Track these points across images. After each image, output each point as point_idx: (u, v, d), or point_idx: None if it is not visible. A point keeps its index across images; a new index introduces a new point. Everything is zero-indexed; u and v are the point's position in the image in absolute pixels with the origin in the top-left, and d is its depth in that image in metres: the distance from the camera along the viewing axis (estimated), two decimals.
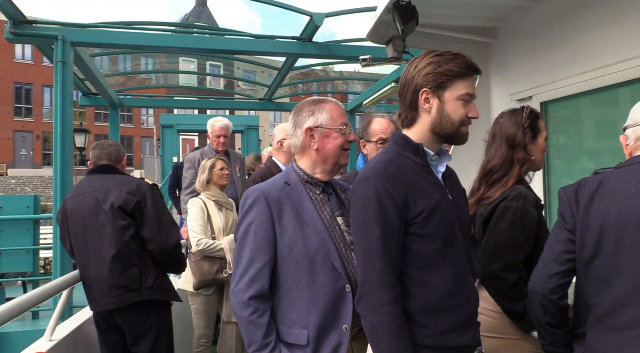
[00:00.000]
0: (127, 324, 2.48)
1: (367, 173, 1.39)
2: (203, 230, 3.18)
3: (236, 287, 1.50)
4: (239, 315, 1.49)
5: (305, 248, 1.50)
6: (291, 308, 1.51)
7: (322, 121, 1.62)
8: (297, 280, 1.50)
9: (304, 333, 1.48)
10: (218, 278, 3.13)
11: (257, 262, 1.49)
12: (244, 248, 1.52)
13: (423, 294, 1.35)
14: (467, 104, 1.41)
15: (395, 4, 2.67)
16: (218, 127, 4.32)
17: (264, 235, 1.51)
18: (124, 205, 2.48)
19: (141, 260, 2.49)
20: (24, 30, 4.70)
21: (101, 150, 2.72)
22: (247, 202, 1.55)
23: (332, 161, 1.64)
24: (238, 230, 1.57)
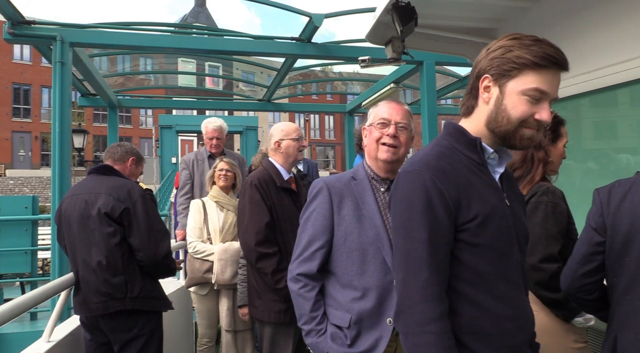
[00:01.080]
0: (112, 331, 2.43)
1: (414, 165, 1.20)
2: (197, 233, 3.23)
3: (291, 265, 1.71)
4: (291, 288, 1.69)
5: (359, 239, 1.60)
6: (340, 292, 1.62)
7: (370, 120, 1.77)
8: (349, 268, 1.61)
9: (346, 316, 1.58)
10: (206, 278, 3.14)
11: (312, 245, 1.66)
12: (304, 232, 1.71)
13: (471, 313, 1.15)
14: (535, 102, 1.16)
15: (394, 4, 2.67)
16: (211, 129, 4.30)
17: (322, 222, 1.67)
18: (110, 211, 2.41)
19: (128, 269, 2.42)
20: (22, 30, 4.69)
21: (108, 150, 2.72)
22: (313, 191, 1.73)
23: (372, 156, 1.75)
24: (302, 216, 1.76)
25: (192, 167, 4.36)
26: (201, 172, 4.33)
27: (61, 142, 4.68)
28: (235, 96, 11.52)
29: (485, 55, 1.23)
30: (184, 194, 4.32)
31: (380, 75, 8.83)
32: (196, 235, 3.23)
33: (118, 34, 5.26)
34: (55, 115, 4.70)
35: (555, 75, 1.18)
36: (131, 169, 2.73)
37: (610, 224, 1.45)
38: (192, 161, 4.39)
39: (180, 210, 4.32)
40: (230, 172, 3.35)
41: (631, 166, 2.66)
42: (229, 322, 3.11)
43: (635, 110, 2.49)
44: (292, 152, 2.63)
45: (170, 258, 2.56)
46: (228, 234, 3.20)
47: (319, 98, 32.68)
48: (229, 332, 3.13)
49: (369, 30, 3.11)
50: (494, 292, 1.16)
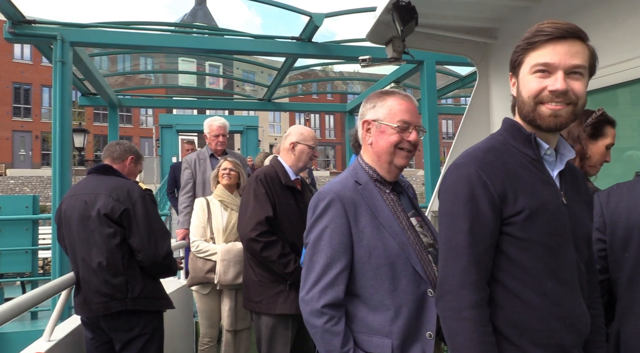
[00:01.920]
0: (113, 331, 2.43)
1: (463, 158, 1.22)
2: (200, 232, 3.23)
3: (308, 295, 1.41)
4: (312, 324, 1.40)
5: (385, 252, 1.40)
6: (372, 316, 1.40)
7: (379, 116, 1.53)
8: (378, 287, 1.40)
9: (387, 342, 1.38)
10: (208, 277, 3.14)
11: (333, 268, 1.40)
12: (318, 253, 1.43)
13: (513, 306, 1.16)
14: (543, 76, 1.17)
15: (394, 4, 2.67)
16: (216, 127, 4.32)
17: (340, 240, 1.41)
18: (110, 212, 2.40)
19: (128, 269, 2.42)
20: (23, 30, 4.69)
21: (106, 149, 2.71)
22: (320, 205, 1.46)
23: (385, 159, 1.53)
24: (309, 234, 1.47)
25: (194, 167, 4.38)
26: (203, 171, 4.34)
27: (62, 142, 4.68)
28: (235, 95, 11.52)
29: None
30: (185, 193, 4.33)
31: (380, 75, 8.83)
32: (199, 234, 3.23)
33: (118, 34, 5.26)
34: (56, 114, 4.70)
35: (555, 46, 1.17)
36: (130, 168, 2.73)
37: (610, 222, 1.50)
38: (194, 160, 4.40)
39: (182, 209, 4.34)
40: (234, 171, 3.36)
41: (632, 166, 2.66)
42: (231, 323, 3.11)
43: (635, 110, 2.49)
44: (304, 157, 2.63)
45: (171, 259, 2.56)
46: (232, 234, 3.20)
47: (320, 97, 32.67)
48: (229, 332, 3.13)
49: (369, 29, 3.11)
50: (539, 288, 1.16)
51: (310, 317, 1.40)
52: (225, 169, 3.35)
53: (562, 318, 1.16)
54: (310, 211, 1.50)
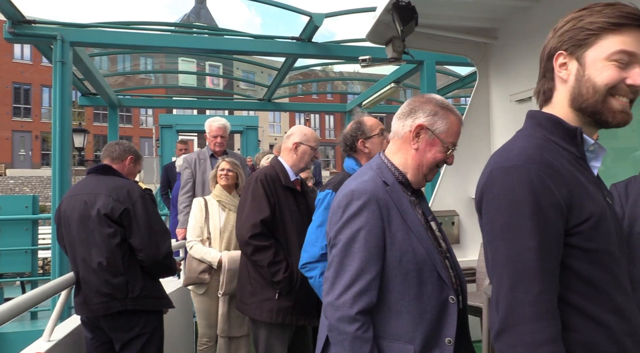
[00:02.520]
0: (113, 331, 2.43)
1: (514, 160, 1.02)
2: (197, 232, 3.22)
3: (339, 300, 1.33)
4: (342, 330, 1.32)
5: (414, 257, 1.36)
6: (395, 321, 1.36)
7: (437, 128, 1.45)
8: (405, 292, 1.36)
9: (409, 348, 1.34)
10: (201, 278, 3.13)
11: (367, 273, 1.33)
12: (351, 256, 1.34)
13: (586, 329, 0.99)
14: (624, 66, 1.03)
15: (394, 4, 2.67)
16: (215, 127, 4.33)
17: (376, 243, 1.34)
18: (110, 212, 2.40)
19: (129, 269, 2.41)
20: (22, 30, 4.70)
21: (106, 149, 2.70)
22: (355, 204, 1.37)
23: (423, 171, 1.48)
24: (339, 235, 1.38)
25: (194, 166, 4.39)
26: (203, 171, 4.35)
27: (61, 142, 4.68)
28: (235, 96, 11.53)
29: (553, 34, 1.13)
30: (185, 193, 4.35)
31: (380, 75, 8.83)
32: (196, 235, 3.22)
33: (118, 34, 5.26)
34: (56, 114, 4.70)
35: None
36: (129, 168, 2.72)
37: (628, 214, 1.47)
38: (194, 160, 4.42)
39: (182, 209, 4.34)
40: (232, 172, 3.35)
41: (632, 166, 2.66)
42: (223, 328, 3.09)
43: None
44: (306, 158, 2.61)
45: (172, 258, 2.56)
46: (229, 235, 3.19)
47: (319, 97, 32.67)
48: (222, 338, 3.10)
49: (369, 29, 3.11)
50: (609, 303, 1.01)
51: (340, 323, 1.33)
52: (223, 170, 3.34)
53: (632, 334, 1.03)
54: (338, 209, 1.41)
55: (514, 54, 3.28)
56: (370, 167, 1.51)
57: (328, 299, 1.37)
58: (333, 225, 1.42)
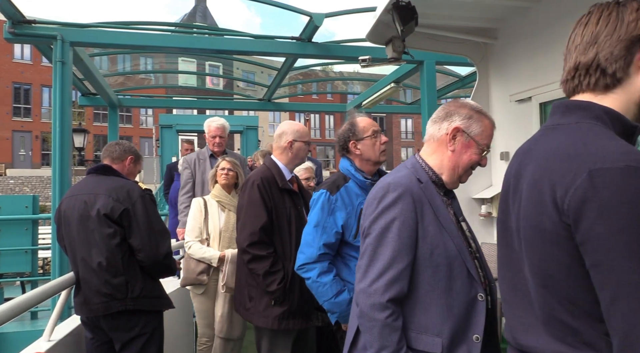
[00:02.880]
0: (113, 331, 2.43)
1: (624, 159, 0.87)
2: (196, 232, 3.21)
3: (371, 287, 1.38)
4: (372, 317, 1.36)
5: (445, 252, 1.41)
6: (424, 313, 1.40)
7: (473, 130, 1.50)
8: (435, 285, 1.40)
9: (437, 341, 1.38)
10: (199, 279, 3.13)
11: (399, 262, 1.37)
12: (384, 246, 1.39)
13: None
14: None
15: (394, 4, 2.67)
16: (214, 127, 4.34)
17: (409, 234, 1.39)
18: (110, 213, 2.40)
19: (128, 269, 2.41)
20: (23, 30, 4.70)
21: (106, 149, 2.70)
22: (389, 196, 1.42)
23: (459, 172, 1.53)
24: (373, 225, 1.43)
25: (193, 166, 4.39)
26: (202, 171, 4.36)
27: (61, 142, 4.69)
28: (235, 95, 11.53)
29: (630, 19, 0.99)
30: (185, 193, 4.35)
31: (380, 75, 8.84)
32: (194, 235, 3.22)
33: (118, 34, 5.26)
34: (56, 114, 4.70)
35: None
36: (129, 168, 2.72)
37: None
38: (193, 160, 4.42)
39: (182, 209, 4.34)
40: (232, 171, 3.34)
41: None
42: (221, 328, 3.08)
43: None
44: (302, 154, 2.61)
45: (171, 258, 2.56)
46: (228, 235, 3.19)
47: (319, 97, 32.67)
48: (220, 339, 3.09)
49: (369, 29, 3.11)
50: None
51: (370, 309, 1.37)
52: (223, 169, 3.34)
53: None
54: (374, 200, 1.46)
55: (514, 54, 3.28)
56: (404, 166, 1.57)
57: (360, 286, 1.41)
58: (368, 216, 1.47)
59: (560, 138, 0.99)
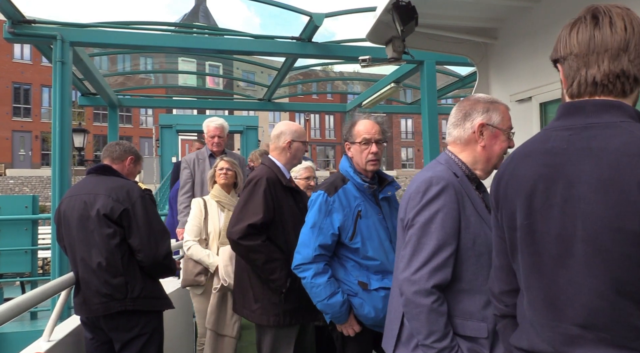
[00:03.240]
0: (113, 331, 2.43)
1: None
2: (195, 232, 3.22)
3: (415, 275, 1.44)
4: (418, 303, 1.42)
5: (486, 241, 1.47)
6: (469, 300, 1.48)
7: (494, 121, 1.59)
8: (478, 272, 1.48)
9: (482, 326, 1.46)
10: (197, 280, 3.13)
11: (444, 251, 1.45)
12: (428, 235, 1.46)
13: None
14: None
15: (394, 4, 2.67)
16: (213, 127, 4.34)
17: (452, 224, 1.47)
18: (109, 213, 2.39)
19: (128, 269, 2.41)
20: (22, 30, 4.69)
21: (106, 149, 2.70)
22: (433, 189, 1.49)
23: (493, 162, 1.61)
24: (417, 217, 1.50)
25: (192, 166, 4.40)
26: (202, 171, 4.36)
27: (61, 142, 4.68)
28: (235, 95, 11.53)
29: None
30: (184, 193, 4.36)
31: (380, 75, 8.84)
32: (194, 235, 3.22)
33: (118, 34, 5.26)
34: (56, 114, 4.70)
35: None
36: (129, 168, 2.72)
37: None
38: (192, 160, 4.43)
39: (181, 209, 4.34)
40: (230, 171, 3.34)
41: None
42: (210, 321, 3.08)
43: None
44: (299, 154, 2.62)
45: (171, 258, 2.56)
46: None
47: (319, 97, 32.67)
48: (211, 331, 3.09)
49: (369, 29, 3.11)
50: None
51: (416, 296, 1.43)
52: (222, 169, 3.34)
53: None
54: (417, 193, 1.52)
55: (514, 54, 3.28)
56: (438, 162, 1.64)
57: (404, 275, 1.47)
58: (411, 209, 1.53)
59: (623, 136, 0.97)
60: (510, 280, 1.20)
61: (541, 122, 3.03)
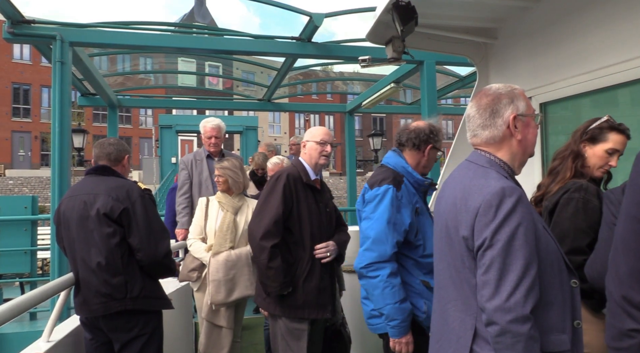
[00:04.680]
0: (112, 331, 2.43)
1: None
2: (197, 230, 3.32)
3: (509, 302, 1.28)
4: (517, 332, 1.27)
5: (552, 247, 1.41)
6: (546, 313, 1.37)
7: (522, 109, 1.48)
8: (552, 282, 1.38)
9: (564, 338, 1.36)
10: (189, 276, 3.23)
11: (532, 269, 1.30)
12: (514, 254, 1.30)
13: None
14: None
15: (394, 4, 2.67)
16: (209, 128, 4.34)
17: (532, 239, 1.33)
18: (109, 212, 2.40)
19: (128, 269, 2.41)
20: (22, 30, 4.69)
21: (100, 149, 2.66)
22: (508, 201, 1.33)
23: (529, 152, 1.52)
24: (497, 234, 1.32)
25: (190, 167, 4.39)
26: (199, 171, 4.36)
27: (61, 142, 4.68)
28: (235, 96, 11.52)
29: None
30: (182, 194, 4.35)
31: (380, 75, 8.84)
32: (196, 233, 3.32)
33: (118, 34, 5.26)
34: (55, 114, 4.69)
35: None
36: (127, 167, 2.75)
37: None
38: (190, 161, 4.42)
39: (180, 210, 4.34)
40: (221, 177, 3.34)
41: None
42: (205, 311, 3.14)
43: (635, 110, 2.49)
44: (315, 154, 2.65)
45: (170, 258, 2.56)
46: (222, 236, 3.18)
47: (319, 98, 32.67)
48: (206, 322, 3.16)
49: (369, 29, 3.11)
50: None
51: (514, 325, 1.27)
52: (215, 176, 3.38)
53: None
54: (490, 208, 1.34)
55: (514, 54, 3.28)
56: (482, 166, 1.49)
57: (495, 303, 1.30)
58: (484, 226, 1.35)
59: None
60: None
61: (541, 121, 3.03)
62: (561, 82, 2.77)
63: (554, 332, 1.36)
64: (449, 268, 1.49)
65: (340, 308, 3.20)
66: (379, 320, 2.14)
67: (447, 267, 1.51)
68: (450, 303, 1.49)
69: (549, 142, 3.05)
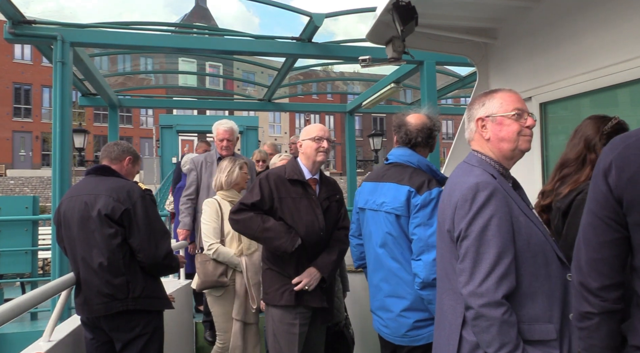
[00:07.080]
0: (114, 331, 2.43)
1: None
2: (216, 234, 3.14)
3: (481, 287, 1.38)
4: (489, 316, 1.37)
5: (538, 240, 1.46)
6: (531, 303, 1.43)
7: (493, 110, 1.59)
8: (537, 273, 1.44)
9: (550, 327, 1.43)
10: (221, 281, 3.10)
11: (505, 257, 1.39)
12: (486, 244, 1.40)
13: None
14: None
15: (394, 4, 2.67)
16: (222, 130, 4.17)
17: (507, 228, 1.42)
18: (111, 213, 2.40)
19: (129, 269, 2.42)
20: (23, 30, 4.69)
21: (104, 149, 2.69)
22: (482, 195, 1.43)
23: (508, 147, 1.57)
24: (472, 225, 1.42)
25: (200, 169, 4.27)
26: (209, 174, 4.20)
27: (62, 142, 4.68)
28: (235, 96, 11.53)
29: None
30: (188, 194, 4.25)
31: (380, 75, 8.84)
32: (215, 236, 3.14)
33: (118, 34, 5.26)
34: (56, 115, 4.70)
35: None
36: (128, 168, 2.72)
37: None
38: (201, 163, 4.29)
39: (183, 210, 4.27)
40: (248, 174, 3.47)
41: None
42: (238, 312, 3.11)
43: (635, 110, 2.49)
44: (311, 152, 2.65)
45: (171, 258, 2.56)
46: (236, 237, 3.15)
47: (320, 98, 32.66)
48: (237, 321, 3.11)
49: (369, 29, 3.11)
50: None
51: (486, 309, 1.37)
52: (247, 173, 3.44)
53: None
54: (465, 202, 1.46)
55: (514, 54, 3.28)
56: (470, 164, 1.60)
57: (469, 289, 1.41)
58: (461, 219, 1.47)
59: None
60: (613, 274, 1.20)
61: (541, 121, 3.03)
62: (561, 82, 2.76)
63: (539, 321, 1.43)
64: (442, 261, 1.61)
65: (343, 309, 3.20)
66: (421, 331, 2.11)
67: (441, 260, 1.63)
68: (445, 292, 1.60)
69: (549, 142, 3.05)
